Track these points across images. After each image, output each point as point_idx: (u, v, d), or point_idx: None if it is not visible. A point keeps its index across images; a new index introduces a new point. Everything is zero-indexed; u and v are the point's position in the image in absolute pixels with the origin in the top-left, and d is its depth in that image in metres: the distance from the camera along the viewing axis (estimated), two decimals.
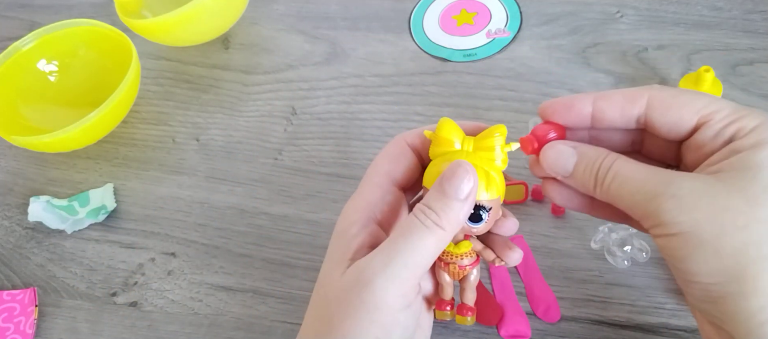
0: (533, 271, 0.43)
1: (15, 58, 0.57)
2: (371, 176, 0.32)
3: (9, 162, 0.57)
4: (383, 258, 0.28)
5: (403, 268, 0.27)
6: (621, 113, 0.29)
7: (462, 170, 0.28)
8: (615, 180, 0.28)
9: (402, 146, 0.32)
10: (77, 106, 0.57)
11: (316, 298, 0.31)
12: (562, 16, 0.57)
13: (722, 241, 0.25)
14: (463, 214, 0.29)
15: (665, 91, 0.29)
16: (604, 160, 0.29)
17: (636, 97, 0.29)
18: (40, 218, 0.50)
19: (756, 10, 0.54)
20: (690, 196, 0.26)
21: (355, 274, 0.28)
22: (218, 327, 0.45)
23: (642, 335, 0.40)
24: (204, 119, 0.57)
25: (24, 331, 0.46)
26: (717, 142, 0.27)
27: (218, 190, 0.52)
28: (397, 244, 0.28)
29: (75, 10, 0.68)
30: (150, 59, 0.62)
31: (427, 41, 0.58)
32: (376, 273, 0.27)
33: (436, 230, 0.28)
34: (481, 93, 0.53)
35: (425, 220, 0.28)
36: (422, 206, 0.29)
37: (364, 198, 0.31)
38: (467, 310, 0.32)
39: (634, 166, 0.28)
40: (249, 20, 0.63)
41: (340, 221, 0.32)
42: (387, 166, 0.32)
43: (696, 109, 0.28)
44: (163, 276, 0.48)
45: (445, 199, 0.28)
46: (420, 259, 0.28)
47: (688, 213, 0.26)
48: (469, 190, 0.28)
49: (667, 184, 0.26)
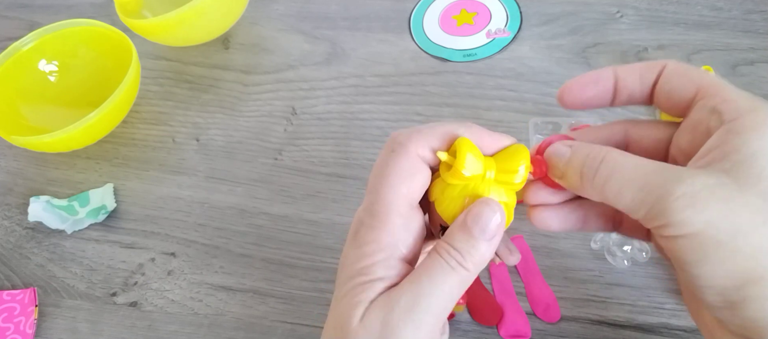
0: (533, 271, 0.43)
1: (15, 58, 0.57)
2: (388, 200, 0.27)
3: (9, 162, 0.57)
4: (407, 303, 0.26)
5: (428, 313, 0.26)
6: (640, 80, 0.29)
7: (489, 211, 0.26)
8: (613, 176, 0.26)
9: (416, 162, 0.28)
10: (77, 106, 0.57)
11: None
12: (562, 16, 0.57)
13: (739, 241, 0.23)
14: (489, 254, 0.27)
15: (680, 64, 0.28)
16: (600, 151, 0.27)
17: (651, 65, 0.29)
18: (40, 218, 0.50)
19: (756, 10, 0.54)
20: (702, 193, 0.24)
21: (379, 319, 0.26)
22: (218, 327, 0.45)
23: (642, 335, 0.40)
24: (204, 119, 0.57)
25: (24, 331, 0.46)
26: (713, 120, 0.26)
27: (218, 190, 0.52)
28: (421, 287, 0.26)
29: (75, 10, 0.68)
30: (150, 59, 0.62)
31: (427, 41, 0.58)
32: (401, 319, 0.25)
33: (460, 271, 0.26)
34: (481, 93, 0.53)
35: (450, 260, 0.26)
36: (446, 246, 0.27)
37: (387, 230, 0.27)
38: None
39: (634, 160, 0.26)
40: (249, 20, 0.63)
41: (359, 256, 0.27)
42: (405, 189, 0.27)
43: (697, 81, 0.27)
44: (163, 276, 0.48)
45: (472, 241, 0.26)
46: (444, 303, 0.26)
47: (701, 212, 0.24)
48: (496, 229, 0.26)
49: (675, 180, 0.24)
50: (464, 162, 0.26)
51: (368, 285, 0.27)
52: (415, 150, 0.27)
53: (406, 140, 0.28)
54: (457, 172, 0.26)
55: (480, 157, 0.27)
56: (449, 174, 0.27)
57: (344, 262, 0.28)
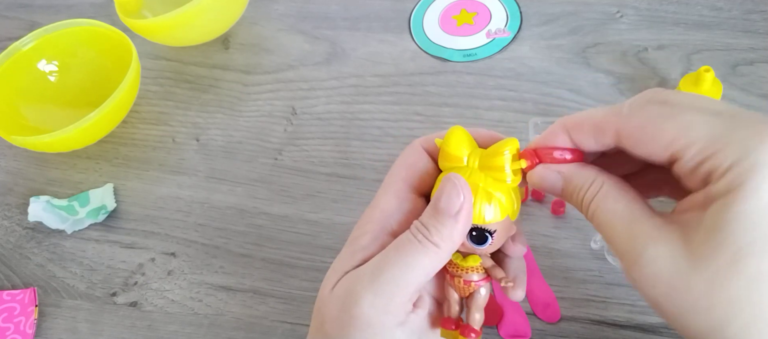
0: (533, 271, 0.43)
1: (15, 58, 0.57)
2: (388, 184, 0.30)
3: (9, 162, 0.57)
4: (372, 272, 0.27)
5: (390, 283, 0.26)
6: (595, 143, 0.27)
7: (450, 185, 0.27)
8: (596, 216, 0.26)
9: (419, 152, 0.31)
10: (77, 106, 0.57)
11: (315, 309, 0.30)
12: (562, 16, 0.57)
13: (687, 321, 0.24)
14: (457, 231, 0.27)
15: (633, 120, 0.26)
16: (589, 190, 0.27)
17: (603, 128, 0.26)
18: (40, 218, 0.50)
19: (756, 10, 0.54)
20: (655, 270, 0.24)
21: (344, 287, 0.27)
22: (218, 327, 0.45)
23: (642, 335, 0.40)
24: (204, 119, 0.57)
25: (24, 331, 0.46)
26: (695, 179, 0.24)
27: (218, 190, 0.52)
28: (387, 258, 0.27)
29: (75, 10, 0.68)
30: (150, 59, 0.62)
31: (427, 41, 0.58)
32: (363, 288, 0.27)
33: (429, 247, 0.27)
34: (481, 93, 0.53)
35: (417, 235, 0.27)
36: (417, 222, 0.28)
37: (379, 207, 0.30)
38: (470, 331, 0.29)
39: (616, 205, 0.26)
40: (249, 20, 0.63)
41: (355, 229, 0.30)
42: (403, 173, 0.30)
43: (665, 143, 0.25)
44: (163, 276, 0.48)
45: (437, 216, 0.27)
46: (411, 277, 0.27)
47: (652, 288, 0.24)
48: (460, 206, 0.27)
49: (641, 247, 0.24)
50: (449, 142, 0.29)
51: (350, 255, 0.29)
52: (419, 143, 0.31)
53: (416, 139, 0.31)
54: (444, 152, 0.29)
55: (468, 145, 0.29)
56: (440, 158, 0.30)
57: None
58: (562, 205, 0.45)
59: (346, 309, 0.27)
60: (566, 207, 0.45)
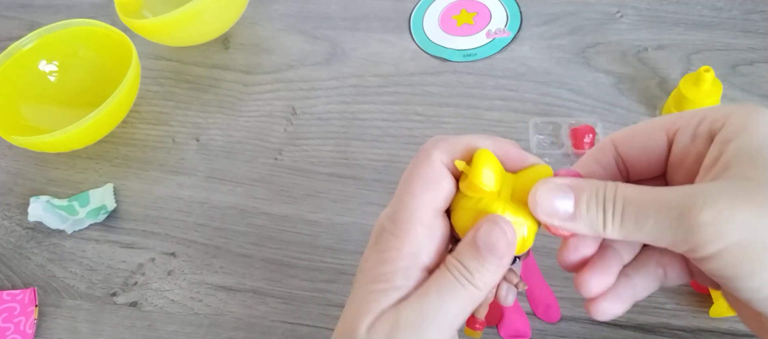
0: (533, 271, 0.43)
1: (15, 58, 0.57)
2: (413, 210, 0.27)
3: (9, 162, 0.57)
4: (415, 318, 0.25)
5: (433, 328, 0.25)
6: (604, 171, 0.28)
7: (498, 230, 0.25)
8: (627, 209, 0.24)
9: (440, 171, 0.27)
10: (77, 106, 0.57)
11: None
12: (562, 16, 0.57)
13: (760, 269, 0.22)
14: (498, 273, 0.26)
15: (624, 129, 0.28)
16: (607, 188, 0.25)
17: (602, 150, 0.28)
18: (40, 218, 0.50)
19: (756, 10, 0.54)
20: (724, 201, 0.22)
21: (384, 333, 0.25)
22: (218, 327, 0.45)
23: (642, 335, 0.40)
24: (204, 119, 0.57)
25: (24, 331, 0.46)
26: (698, 143, 0.25)
27: (218, 190, 0.52)
28: (429, 301, 0.25)
29: (75, 10, 0.68)
30: (150, 59, 0.62)
31: (427, 41, 0.58)
32: (406, 335, 0.25)
33: (469, 289, 0.26)
34: (481, 93, 0.53)
35: (459, 277, 0.26)
36: (456, 263, 0.26)
37: (409, 239, 0.26)
38: (476, 322, 0.29)
39: (642, 189, 0.24)
40: (249, 20, 0.63)
41: (379, 263, 0.27)
42: (428, 196, 0.27)
43: (660, 125, 0.27)
44: (163, 276, 0.48)
45: (480, 259, 0.26)
46: (451, 319, 0.26)
47: (730, 220, 0.22)
48: (505, 249, 0.26)
49: (691, 195, 0.23)
50: (479, 173, 0.26)
51: (384, 293, 0.26)
52: (439, 158, 0.27)
53: (432, 148, 0.27)
54: (471, 183, 0.26)
55: (497, 172, 0.26)
56: (464, 185, 0.27)
57: (364, 266, 0.27)
58: None
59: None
60: None
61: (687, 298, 0.41)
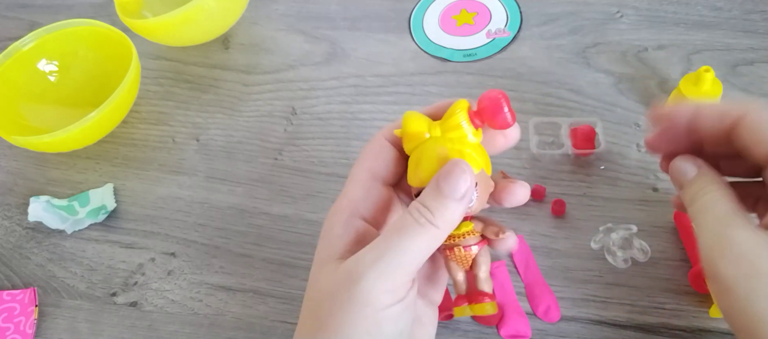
0: (533, 271, 0.43)
1: (15, 58, 0.57)
2: (353, 175, 0.32)
3: (9, 162, 0.57)
4: (374, 255, 0.28)
5: (393, 265, 0.27)
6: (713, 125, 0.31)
7: (458, 169, 0.28)
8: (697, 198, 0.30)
9: (381, 142, 0.32)
10: (77, 106, 0.57)
11: (307, 299, 0.31)
12: (562, 16, 0.57)
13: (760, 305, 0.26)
14: (458, 212, 0.28)
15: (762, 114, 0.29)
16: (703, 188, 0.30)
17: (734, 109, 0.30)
18: (40, 218, 0.50)
19: (756, 10, 0.54)
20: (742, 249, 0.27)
21: (345, 271, 0.28)
22: (218, 327, 0.45)
23: (642, 335, 0.40)
24: (204, 119, 0.57)
25: (24, 331, 0.46)
26: None
27: (218, 190, 0.52)
28: (389, 240, 0.28)
29: (75, 10, 0.68)
30: (150, 59, 0.62)
31: (427, 41, 0.58)
32: (366, 269, 0.27)
33: (430, 228, 0.28)
34: (481, 93, 0.53)
35: (419, 218, 0.28)
36: (417, 204, 0.28)
37: (347, 196, 0.31)
38: (483, 296, 0.30)
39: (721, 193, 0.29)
40: (249, 20, 0.63)
41: (326, 222, 0.32)
42: (367, 163, 0.32)
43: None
44: (163, 276, 0.48)
45: (442, 199, 0.28)
46: (412, 257, 0.28)
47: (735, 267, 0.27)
48: (466, 188, 0.28)
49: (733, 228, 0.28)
50: (408, 123, 0.30)
51: (328, 244, 0.30)
52: (381, 135, 0.32)
53: (378, 131, 0.33)
54: (406, 136, 0.31)
55: (424, 122, 0.30)
56: (404, 143, 0.31)
57: None
58: (563, 205, 0.45)
59: (346, 289, 0.27)
60: (566, 207, 0.45)
61: (687, 298, 0.41)
